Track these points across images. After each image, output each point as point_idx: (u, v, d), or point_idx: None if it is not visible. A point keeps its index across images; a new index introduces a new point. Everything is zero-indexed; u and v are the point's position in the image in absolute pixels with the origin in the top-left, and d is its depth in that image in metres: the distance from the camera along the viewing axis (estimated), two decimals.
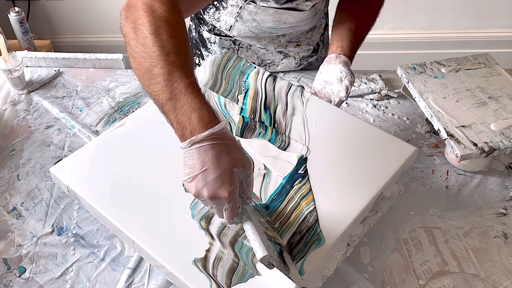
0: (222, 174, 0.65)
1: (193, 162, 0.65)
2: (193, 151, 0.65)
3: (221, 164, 0.65)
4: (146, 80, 0.69)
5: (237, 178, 0.67)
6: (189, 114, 0.65)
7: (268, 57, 1.23)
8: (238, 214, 0.70)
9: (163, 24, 0.70)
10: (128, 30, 0.72)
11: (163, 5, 0.72)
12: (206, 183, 0.65)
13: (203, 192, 0.65)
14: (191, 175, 0.65)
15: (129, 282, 0.85)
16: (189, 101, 0.66)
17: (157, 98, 0.68)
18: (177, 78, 0.67)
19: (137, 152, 0.88)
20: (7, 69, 1.16)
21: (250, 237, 0.71)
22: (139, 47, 0.70)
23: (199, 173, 0.65)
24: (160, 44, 0.68)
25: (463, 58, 1.19)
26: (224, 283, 0.71)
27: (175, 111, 0.66)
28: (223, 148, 0.65)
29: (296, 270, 0.72)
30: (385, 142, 0.91)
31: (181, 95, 0.66)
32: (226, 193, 0.65)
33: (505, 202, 0.99)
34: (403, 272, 0.88)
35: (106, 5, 2.38)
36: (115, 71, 1.27)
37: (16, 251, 0.89)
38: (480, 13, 2.43)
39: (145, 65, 0.69)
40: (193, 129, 0.65)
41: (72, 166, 0.86)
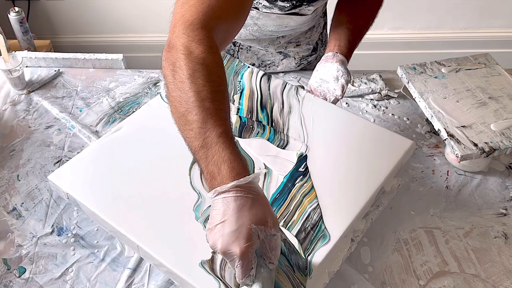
0: (238, 228, 0.61)
1: (215, 213, 0.63)
2: (217, 202, 0.63)
3: (240, 218, 0.61)
4: (182, 125, 0.68)
5: (256, 236, 0.62)
6: (219, 165, 0.63)
7: (268, 57, 1.23)
8: (249, 276, 0.63)
9: (200, 67, 0.69)
10: (167, 73, 0.71)
11: (200, 45, 0.70)
12: (221, 235, 0.62)
13: (217, 245, 0.62)
14: (211, 226, 0.63)
15: (129, 283, 0.85)
16: (219, 151, 0.64)
17: (191, 145, 0.67)
18: (210, 126, 0.65)
19: (136, 155, 0.88)
20: (7, 69, 1.16)
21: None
22: (176, 91, 0.69)
23: (218, 224, 0.62)
24: (195, 90, 0.67)
25: (463, 58, 1.19)
26: (232, 284, 0.71)
27: (206, 160, 0.65)
28: (246, 202, 0.62)
29: (301, 275, 0.72)
30: (382, 137, 0.92)
31: (212, 144, 0.65)
32: (238, 249, 0.61)
33: (505, 202, 0.99)
34: (403, 272, 0.88)
35: (106, 5, 2.38)
36: (115, 71, 1.27)
37: (16, 251, 0.89)
38: (480, 13, 2.43)
39: (181, 110, 0.68)
40: (221, 181, 0.63)
41: (70, 173, 0.86)
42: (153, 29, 2.46)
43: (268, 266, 0.65)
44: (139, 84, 1.23)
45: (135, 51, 2.47)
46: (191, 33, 0.71)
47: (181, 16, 0.73)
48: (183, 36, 0.71)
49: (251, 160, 0.87)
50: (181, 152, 0.88)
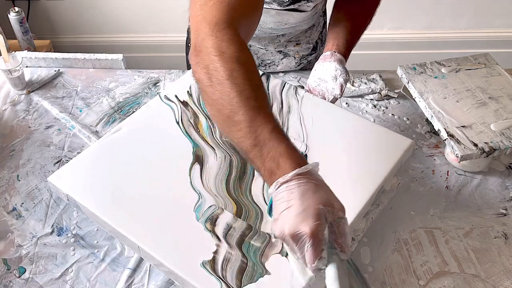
0: (305, 210, 0.60)
1: (279, 202, 0.62)
2: (280, 192, 0.62)
3: (306, 201, 0.60)
4: (227, 127, 0.68)
5: (323, 217, 0.61)
6: (277, 160, 0.63)
7: (268, 57, 1.23)
8: (322, 258, 0.60)
9: (237, 66, 0.68)
10: (201, 77, 0.70)
11: (231, 45, 0.70)
12: (288, 219, 0.60)
13: (284, 229, 0.60)
14: (276, 216, 0.62)
15: (129, 283, 0.85)
16: (275, 147, 0.64)
17: (241, 145, 0.66)
18: (260, 124, 0.65)
19: (135, 156, 0.88)
20: (7, 69, 1.16)
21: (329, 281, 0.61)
22: (216, 94, 0.68)
23: (283, 211, 0.61)
24: (237, 90, 0.66)
25: (463, 58, 1.19)
26: (234, 284, 0.71)
27: (261, 157, 0.64)
28: (310, 187, 0.61)
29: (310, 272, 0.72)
30: (382, 136, 0.92)
31: (266, 141, 0.64)
32: (308, 228, 0.59)
33: (505, 202, 0.99)
34: (403, 273, 0.88)
35: (106, 5, 2.38)
36: (115, 72, 1.27)
37: (16, 251, 0.89)
38: (480, 13, 2.43)
39: (225, 113, 0.67)
40: (281, 174, 0.63)
41: (70, 174, 0.86)
42: (153, 29, 2.46)
43: (340, 255, 0.62)
44: (139, 84, 1.23)
45: (135, 51, 2.47)
46: (218, 33, 0.70)
47: (202, 18, 0.72)
48: (210, 38, 0.70)
49: None
50: (181, 152, 0.89)
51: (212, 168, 0.86)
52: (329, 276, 0.61)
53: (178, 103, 0.98)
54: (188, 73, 1.05)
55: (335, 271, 0.61)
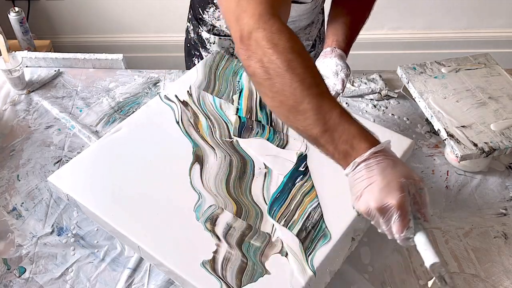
0: (388, 184, 0.63)
1: (359, 181, 0.64)
2: (358, 171, 0.64)
3: (387, 176, 0.63)
4: (292, 117, 0.68)
5: (407, 189, 0.63)
6: (350, 141, 0.65)
7: None
8: (409, 228, 0.64)
9: (293, 56, 0.68)
10: (256, 71, 0.70)
11: (281, 35, 0.69)
12: (373, 195, 0.63)
13: (370, 205, 0.63)
14: (358, 194, 0.65)
15: (129, 283, 0.85)
16: (346, 130, 0.66)
17: (308, 133, 0.68)
18: (327, 110, 0.66)
19: (136, 156, 0.88)
20: (7, 69, 1.16)
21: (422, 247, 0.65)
22: (276, 86, 0.68)
23: (366, 188, 0.64)
24: (299, 80, 0.67)
25: (463, 58, 1.19)
26: (234, 283, 0.71)
27: (333, 142, 0.66)
28: (388, 163, 0.64)
29: (310, 271, 0.73)
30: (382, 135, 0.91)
31: (336, 125, 0.66)
32: (395, 200, 0.62)
33: (505, 202, 0.99)
34: (403, 273, 0.88)
35: (106, 5, 2.38)
36: (115, 71, 1.27)
37: (16, 251, 0.89)
38: (480, 13, 2.43)
39: (289, 103, 0.68)
40: (356, 154, 0.65)
41: (70, 174, 0.86)
42: (153, 29, 2.46)
43: (423, 225, 0.65)
44: (139, 84, 1.23)
45: (135, 51, 2.47)
46: (265, 25, 0.70)
47: (242, 11, 0.72)
48: (258, 31, 0.70)
49: (251, 160, 0.87)
50: (181, 152, 0.89)
51: (212, 168, 0.86)
52: (420, 242, 0.65)
53: (178, 103, 0.98)
54: (188, 73, 1.05)
55: (425, 237, 0.65)
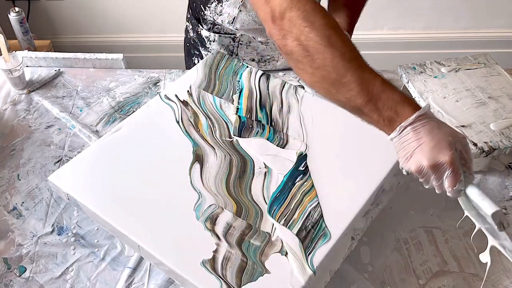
0: (438, 143, 0.68)
1: (407, 143, 0.70)
2: (405, 134, 0.70)
3: (435, 136, 0.69)
4: (334, 90, 0.73)
5: (454, 147, 0.69)
6: (395, 107, 0.70)
7: (267, 52, 1.23)
8: (461, 181, 0.70)
9: (331, 32, 0.71)
10: (294, 49, 0.73)
11: (316, 13, 0.72)
12: (424, 154, 0.68)
13: (423, 163, 0.69)
14: (408, 154, 0.70)
15: (129, 282, 0.85)
16: (390, 97, 0.70)
17: (352, 104, 0.72)
18: (369, 80, 0.71)
19: (136, 156, 0.88)
20: (8, 69, 1.16)
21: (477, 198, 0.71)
22: (316, 62, 0.72)
23: (416, 149, 0.69)
24: (339, 54, 0.71)
25: (463, 58, 1.19)
26: (234, 283, 0.71)
27: (377, 109, 0.71)
28: (433, 125, 0.69)
29: (310, 270, 0.73)
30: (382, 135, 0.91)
31: (379, 93, 0.70)
32: (447, 157, 0.68)
33: (505, 201, 0.99)
34: (403, 272, 0.88)
35: (106, 5, 2.38)
36: (115, 71, 1.27)
37: (16, 250, 0.89)
38: (480, 13, 2.43)
39: (332, 77, 0.71)
40: (402, 119, 0.70)
41: (71, 173, 0.86)
42: (153, 29, 2.46)
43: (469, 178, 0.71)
44: (139, 84, 1.23)
45: (136, 51, 2.47)
46: (298, 4, 0.72)
47: None
48: (292, 10, 0.72)
49: (251, 159, 0.88)
50: (181, 152, 0.89)
51: (212, 168, 0.86)
52: (474, 194, 0.72)
53: (178, 102, 0.98)
54: (188, 73, 1.05)
55: (477, 189, 0.71)
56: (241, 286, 0.71)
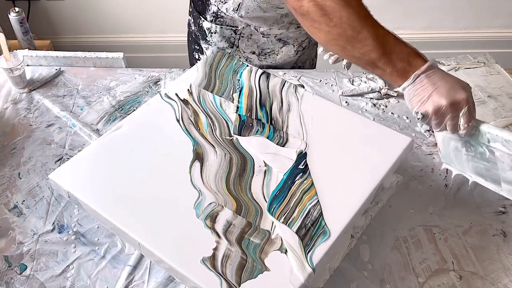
0: (452, 86, 0.77)
1: (422, 88, 0.78)
2: (419, 81, 0.78)
3: (448, 81, 0.78)
4: (350, 46, 0.81)
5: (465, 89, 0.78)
6: (407, 59, 0.79)
7: (268, 45, 1.24)
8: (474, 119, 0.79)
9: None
10: (310, 9, 0.80)
11: None
12: (441, 95, 0.77)
13: (441, 102, 0.77)
14: (424, 98, 0.78)
15: (130, 280, 0.85)
16: (403, 50, 0.80)
17: (366, 58, 0.81)
18: (383, 36, 0.80)
19: (136, 154, 0.89)
20: (8, 68, 1.16)
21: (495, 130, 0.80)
22: (333, 21, 0.80)
23: (433, 91, 0.77)
24: (355, 12, 0.79)
25: (463, 57, 1.19)
26: (234, 280, 0.72)
27: (391, 62, 0.79)
28: (443, 73, 0.79)
29: (310, 267, 0.73)
30: (381, 134, 0.92)
31: (393, 47, 0.80)
32: (464, 95, 0.77)
33: (504, 200, 0.99)
34: (402, 270, 0.88)
35: (106, 5, 2.38)
36: (116, 70, 1.28)
37: (17, 248, 0.90)
38: (480, 13, 2.43)
39: (348, 34, 0.80)
40: (414, 69, 0.78)
41: (71, 172, 0.86)
42: (153, 29, 2.46)
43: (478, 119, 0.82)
44: (140, 83, 1.24)
45: (136, 51, 2.48)
46: None
47: None
48: None
49: (251, 158, 0.88)
50: (181, 150, 0.89)
51: (212, 166, 0.86)
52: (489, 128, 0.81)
53: (179, 101, 0.98)
54: (188, 72, 1.05)
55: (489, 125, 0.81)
56: (240, 283, 0.71)
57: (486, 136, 0.82)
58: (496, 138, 0.81)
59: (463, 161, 0.91)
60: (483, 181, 0.92)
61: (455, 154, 0.92)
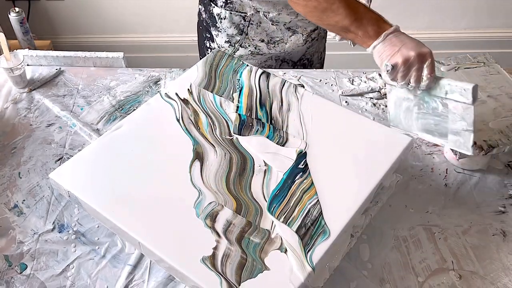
0: (417, 43, 0.88)
1: (392, 45, 0.89)
2: (388, 40, 0.89)
3: (413, 39, 0.89)
4: (324, 16, 0.94)
5: None
6: (377, 23, 0.91)
7: (277, 34, 1.24)
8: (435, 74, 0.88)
9: None
10: None
11: None
12: (410, 48, 0.87)
13: (410, 54, 0.87)
14: (394, 52, 0.88)
15: (130, 279, 0.85)
16: (372, 16, 0.91)
17: (340, 25, 0.93)
18: (354, 4, 0.92)
19: (136, 153, 0.89)
20: (9, 68, 1.16)
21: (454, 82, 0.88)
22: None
23: (401, 47, 0.88)
24: None
25: (463, 57, 1.19)
26: (234, 279, 0.72)
27: (362, 26, 0.91)
28: (407, 35, 0.90)
29: (309, 267, 0.73)
30: (381, 133, 0.92)
31: (364, 14, 0.91)
32: (428, 49, 0.87)
33: (504, 200, 1.00)
34: (402, 270, 0.88)
35: (106, 5, 2.38)
36: (116, 70, 1.28)
37: (17, 248, 0.90)
38: (480, 13, 2.43)
39: (322, 6, 0.93)
40: (383, 30, 0.89)
41: (71, 171, 0.86)
42: (154, 29, 2.46)
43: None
44: (140, 82, 1.24)
45: (136, 52, 2.48)
46: None
47: None
48: None
49: (251, 157, 0.88)
50: (181, 149, 0.89)
51: (212, 165, 0.87)
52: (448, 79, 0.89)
53: (179, 100, 0.98)
54: (189, 71, 1.06)
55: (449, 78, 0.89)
56: (240, 282, 0.72)
57: (445, 89, 0.89)
58: (455, 88, 0.88)
59: (413, 120, 0.98)
60: (429, 137, 0.97)
61: (405, 114, 0.98)
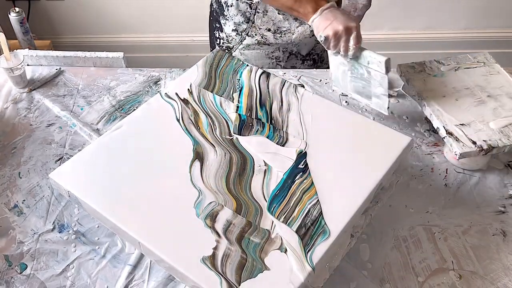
0: (347, 17, 1.03)
1: (326, 19, 1.03)
2: (325, 14, 1.04)
3: (344, 14, 1.04)
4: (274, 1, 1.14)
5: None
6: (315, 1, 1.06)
7: (283, 24, 1.24)
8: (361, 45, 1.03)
9: None
10: None
11: None
12: (339, 23, 1.01)
13: (338, 27, 1.01)
14: (327, 25, 1.03)
15: (130, 279, 0.85)
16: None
17: (286, 4, 1.10)
18: None
19: (136, 154, 0.89)
20: (9, 68, 1.16)
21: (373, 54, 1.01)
22: None
23: (333, 20, 1.02)
24: None
25: (463, 57, 1.19)
26: (234, 279, 0.72)
27: (302, 5, 1.07)
28: (340, 11, 1.05)
29: (309, 267, 0.73)
30: (381, 133, 0.93)
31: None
32: (355, 23, 1.02)
33: (504, 200, 1.00)
34: (402, 269, 0.88)
35: (106, 5, 2.38)
36: (116, 70, 1.28)
37: (17, 248, 0.90)
38: (480, 13, 2.43)
39: None
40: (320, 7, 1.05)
41: (72, 171, 0.86)
42: (154, 29, 2.46)
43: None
44: (140, 82, 1.24)
45: (136, 52, 2.47)
46: None
47: None
48: None
49: (251, 157, 0.88)
50: (181, 149, 0.89)
51: (212, 165, 0.87)
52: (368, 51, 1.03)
53: (179, 100, 0.98)
54: (189, 71, 1.06)
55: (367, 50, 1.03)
56: (240, 282, 0.72)
57: (367, 59, 1.03)
58: (374, 60, 1.01)
59: (347, 82, 1.11)
60: (359, 98, 1.11)
61: (342, 77, 1.11)
